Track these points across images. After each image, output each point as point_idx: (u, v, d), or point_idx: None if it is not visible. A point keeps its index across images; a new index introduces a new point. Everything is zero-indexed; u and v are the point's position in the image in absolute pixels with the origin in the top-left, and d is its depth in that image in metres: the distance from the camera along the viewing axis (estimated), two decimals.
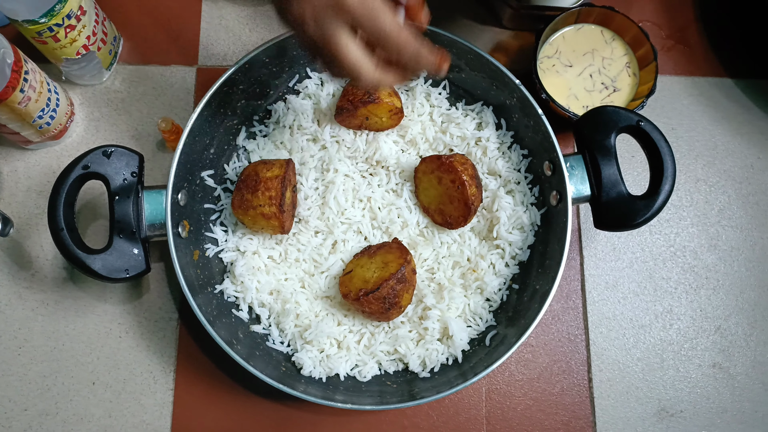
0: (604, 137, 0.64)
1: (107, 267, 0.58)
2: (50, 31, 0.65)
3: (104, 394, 0.68)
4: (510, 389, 0.70)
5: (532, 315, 0.61)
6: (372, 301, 0.61)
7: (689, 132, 0.80)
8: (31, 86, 0.64)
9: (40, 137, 0.71)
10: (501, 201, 0.68)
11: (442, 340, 0.66)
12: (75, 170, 0.59)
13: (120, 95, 0.77)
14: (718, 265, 0.75)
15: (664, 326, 0.73)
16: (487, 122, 0.72)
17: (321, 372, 0.64)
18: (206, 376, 0.68)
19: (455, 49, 0.69)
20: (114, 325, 0.70)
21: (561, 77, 0.76)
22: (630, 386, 0.71)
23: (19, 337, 0.69)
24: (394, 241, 0.68)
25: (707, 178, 0.79)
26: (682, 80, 0.82)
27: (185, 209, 0.64)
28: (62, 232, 0.58)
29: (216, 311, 0.63)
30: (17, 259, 0.71)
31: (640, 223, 0.62)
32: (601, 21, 0.77)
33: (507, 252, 0.68)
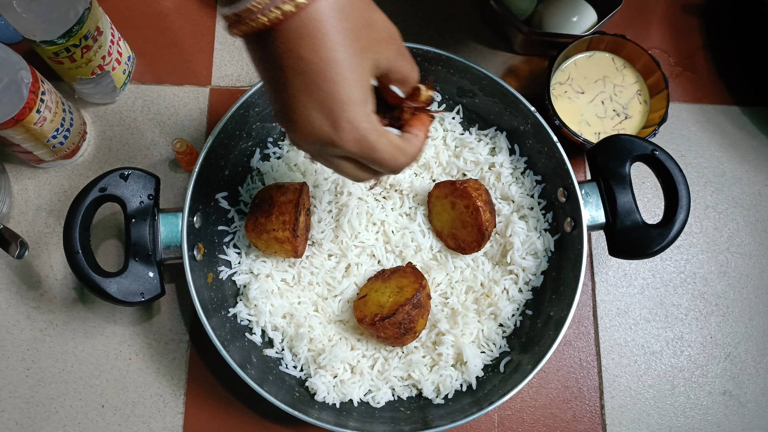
0: (618, 165, 0.65)
1: (123, 290, 0.58)
2: (67, 51, 0.64)
3: (113, 418, 0.67)
4: (522, 416, 0.70)
5: (548, 342, 0.61)
6: (388, 326, 0.61)
7: (698, 159, 0.81)
8: (47, 106, 0.64)
9: (53, 156, 0.70)
10: (514, 226, 0.69)
11: (456, 366, 0.66)
12: (92, 192, 0.59)
13: (133, 115, 0.76)
14: (727, 291, 0.76)
15: (675, 353, 0.73)
16: (500, 147, 0.72)
17: (335, 397, 0.64)
18: (217, 400, 0.68)
19: (469, 75, 0.70)
20: (123, 346, 0.69)
21: (573, 103, 0.77)
22: (641, 413, 0.71)
23: (27, 359, 0.68)
24: (408, 266, 0.68)
25: (716, 205, 0.79)
26: (690, 107, 0.83)
27: (200, 232, 0.64)
28: (78, 255, 0.57)
29: (229, 335, 0.63)
30: (26, 279, 0.70)
31: (655, 252, 0.63)
32: (613, 48, 0.78)
33: (521, 277, 0.68)
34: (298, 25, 0.38)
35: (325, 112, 0.40)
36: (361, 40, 0.40)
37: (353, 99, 0.40)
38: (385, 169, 0.45)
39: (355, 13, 0.40)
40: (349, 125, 0.40)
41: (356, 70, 0.40)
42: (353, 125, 0.40)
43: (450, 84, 0.72)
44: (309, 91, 0.39)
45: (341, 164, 0.44)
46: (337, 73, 0.39)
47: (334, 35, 0.39)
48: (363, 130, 0.41)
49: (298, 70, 0.39)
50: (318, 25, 0.38)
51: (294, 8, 0.37)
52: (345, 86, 0.39)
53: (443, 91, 0.73)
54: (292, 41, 0.38)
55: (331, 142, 0.41)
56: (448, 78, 0.71)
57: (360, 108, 0.40)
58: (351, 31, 0.40)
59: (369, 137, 0.41)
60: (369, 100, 0.42)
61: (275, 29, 0.38)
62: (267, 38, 0.39)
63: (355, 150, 0.41)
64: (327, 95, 0.39)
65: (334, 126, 0.40)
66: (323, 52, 0.39)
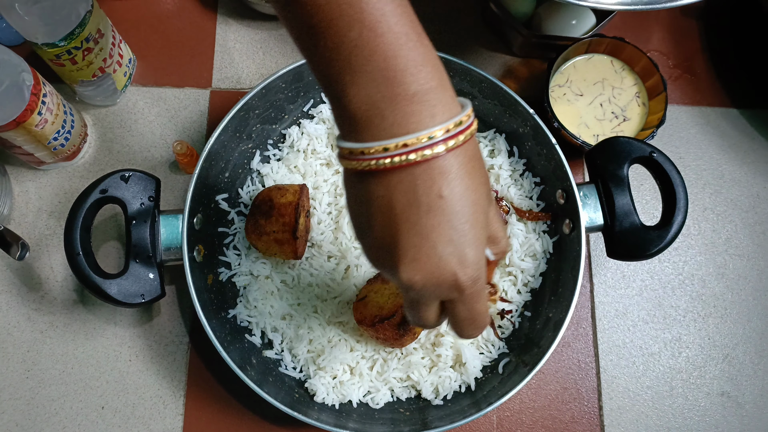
0: (617, 167, 0.65)
1: (123, 292, 0.58)
2: (68, 54, 0.65)
3: (113, 419, 0.67)
4: (521, 417, 0.70)
5: (546, 343, 0.62)
6: (387, 327, 0.61)
7: (696, 161, 0.81)
8: (48, 109, 0.64)
9: (54, 158, 0.71)
10: (513, 228, 0.69)
11: (455, 367, 0.66)
12: (93, 194, 0.59)
13: (133, 117, 0.77)
14: (725, 293, 0.76)
15: (673, 354, 0.73)
16: (499, 149, 0.72)
17: (334, 399, 0.64)
18: (216, 402, 0.68)
19: (469, 77, 0.70)
20: (124, 348, 0.69)
21: (572, 106, 0.77)
22: (640, 414, 0.71)
23: (27, 360, 0.68)
24: None
25: (714, 207, 0.80)
26: (688, 109, 0.84)
27: (200, 233, 0.64)
28: (78, 257, 0.57)
29: (229, 336, 0.63)
30: (27, 281, 0.70)
31: (653, 253, 0.63)
32: (612, 51, 0.78)
33: (519, 279, 0.69)
34: (439, 165, 0.37)
35: (456, 251, 0.38)
36: (485, 186, 0.40)
37: (481, 241, 0.40)
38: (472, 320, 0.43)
39: (481, 161, 0.40)
40: (475, 265, 0.39)
41: (484, 213, 0.40)
42: (478, 265, 0.39)
43: None
44: (442, 229, 0.38)
45: (434, 308, 0.43)
46: (473, 215, 0.39)
47: (472, 179, 0.39)
48: (482, 272, 0.40)
49: (434, 208, 0.38)
50: (459, 168, 0.38)
51: (432, 153, 0.37)
52: (477, 228, 0.39)
53: None
54: (432, 180, 0.37)
55: (453, 281, 0.39)
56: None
57: (483, 252, 0.40)
58: (481, 176, 0.40)
59: (482, 281, 0.41)
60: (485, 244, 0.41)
61: (409, 168, 0.37)
62: (393, 176, 0.38)
63: (468, 290, 0.40)
64: (460, 235, 0.38)
65: (461, 264, 0.39)
66: (464, 192, 0.38)
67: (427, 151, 0.37)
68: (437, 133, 0.37)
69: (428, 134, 0.37)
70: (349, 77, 0.37)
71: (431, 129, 0.37)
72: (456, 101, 0.40)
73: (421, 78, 0.37)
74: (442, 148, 0.37)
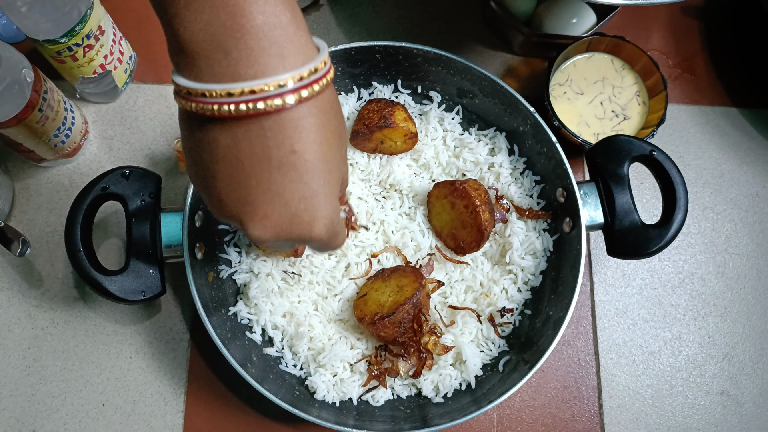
0: (617, 166, 0.65)
1: (124, 289, 0.58)
2: (69, 50, 0.65)
3: (113, 416, 0.67)
4: (521, 415, 0.70)
5: (546, 342, 0.62)
6: (387, 325, 0.62)
7: (696, 160, 0.81)
8: (49, 105, 0.64)
9: (54, 155, 0.71)
10: (513, 226, 0.69)
11: (455, 365, 0.66)
12: (93, 191, 0.59)
13: (134, 114, 0.77)
14: (725, 292, 0.76)
15: (673, 353, 0.74)
16: (500, 148, 0.72)
17: (334, 396, 0.64)
18: (217, 399, 0.68)
19: (469, 75, 0.70)
20: (124, 345, 0.69)
21: (572, 104, 0.77)
22: (640, 413, 0.71)
23: (28, 357, 0.68)
24: (408, 265, 0.68)
25: (714, 206, 0.80)
26: (688, 109, 0.84)
27: (201, 231, 0.64)
28: (79, 254, 0.57)
29: (230, 333, 0.63)
30: (27, 278, 0.70)
31: (653, 252, 0.63)
32: (612, 50, 0.78)
33: (519, 277, 0.69)
34: (292, 118, 0.35)
35: (308, 208, 0.37)
36: (340, 137, 0.39)
37: (334, 194, 0.39)
38: (331, 249, 0.44)
39: (335, 110, 0.39)
40: (327, 220, 0.39)
41: (338, 166, 0.39)
42: (329, 220, 0.39)
43: (450, 85, 0.72)
44: (294, 187, 0.36)
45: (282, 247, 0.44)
46: (327, 169, 0.37)
47: (325, 132, 0.37)
48: (335, 222, 0.40)
49: (286, 163, 0.36)
50: (312, 120, 0.36)
51: (282, 103, 0.34)
52: (330, 183, 0.38)
53: (443, 91, 0.74)
54: (284, 134, 0.35)
55: (306, 236, 0.38)
56: (449, 79, 0.71)
57: (335, 202, 0.40)
58: (335, 128, 0.38)
59: (337, 228, 0.40)
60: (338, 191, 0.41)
61: (259, 119, 0.35)
62: (241, 126, 0.35)
63: (323, 239, 0.39)
64: (313, 192, 0.37)
65: (312, 222, 0.38)
66: (316, 146, 0.36)
67: (277, 100, 0.34)
68: (288, 82, 0.34)
69: (278, 81, 0.34)
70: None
71: (281, 76, 0.34)
72: (311, 44, 0.36)
73: (269, 10, 0.33)
74: (293, 98, 0.34)
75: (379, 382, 0.64)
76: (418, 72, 0.72)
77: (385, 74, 0.73)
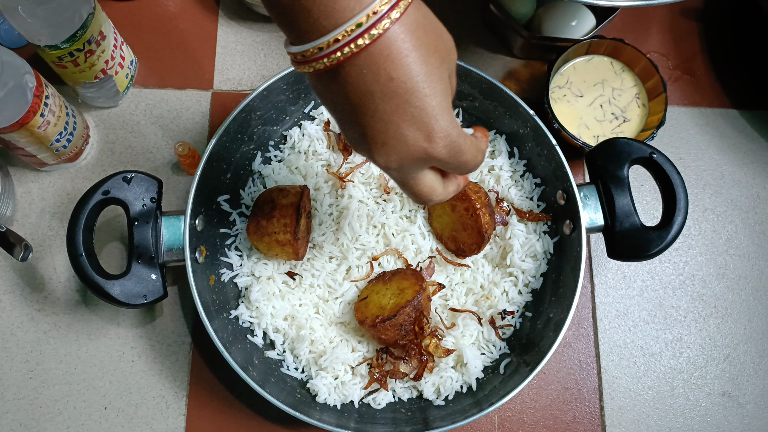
0: (617, 168, 0.65)
1: (125, 293, 0.58)
2: (71, 56, 0.65)
3: (116, 419, 0.67)
4: (522, 416, 0.70)
5: (547, 344, 0.62)
6: (388, 327, 0.62)
7: (696, 162, 0.82)
8: (50, 110, 0.64)
9: (56, 159, 0.71)
10: (514, 229, 0.69)
11: (456, 368, 0.66)
12: (95, 195, 0.59)
13: (135, 118, 0.77)
14: (726, 293, 0.76)
15: (674, 354, 0.74)
16: (500, 150, 0.73)
17: (336, 399, 0.64)
18: (219, 402, 0.68)
19: (469, 78, 0.70)
20: (126, 348, 0.69)
21: (572, 107, 0.77)
22: (641, 414, 0.71)
23: (30, 360, 0.68)
24: (409, 268, 0.68)
25: (714, 208, 0.80)
26: (688, 110, 0.84)
27: (202, 234, 0.65)
28: (81, 258, 0.58)
29: (231, 337, 0.63)
30: (30, 282, 0.71)
31: (654, 254, 0.63)
32: (611, 52, 0.78)
33: (520, 280, 0.69)
34: (380, 50, 0.38)
35: (421, 127, 0.40)
36: (438, 51, 0.40)
37: (444, 108, 0.40)
38: (466, 170, 0.45)
39: (429, 27, 0.41)
40: (443, 134, 0.40)
41: (442, 80, 0.40)
42: (446, 133, 0.40)
43: None
44: (401, 111, 0.39)
45: (424, 178, 0.44)
46: (429, 87, 0.39)
47: (420, 51, 0.39)
48: (455, 136, 0.41)
49: (388, 92, 0.39)
50: (402, 44, 0.38)
51: (369, 40, 0.37)
52: (437, 98, 0.40)
53: None
54: (377, 66, 0.38)
55: (427, 155, 0.41)
56: None
57: (449, 116, 0.41)
58: (430, 44, 0.40)
59: (458, 141, 0.41)
60: (451, 105, 0.42)
61: (352, 60, 0.38)
62: (341, 70, 0.39)
63: (446, 156, 0.41)
64: (420, 111, 0.39)
65: (429, 139, 0.40)
66: (413, 68, 0.38)
67: (373, 30, 0.37)
68: (381, 7, 0.37)
69: (372, 9, 0.37)
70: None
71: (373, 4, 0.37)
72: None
73: None
74: (386, 22, 0.37)
75: (381, 384, 0.64)
76: None
77: None
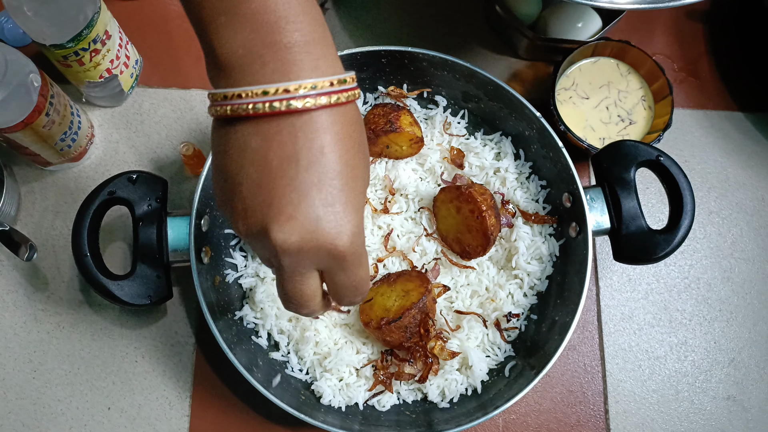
0: (623, 171, 0.65)
1: (130, 293, 0.58)
2: (76, 55, 0.65)
3: (119, 420, 0.67)
4: (526, 420, 0.70)
5: (553, 347, 0.62)
6: (393, 329, 0.62)
7: (701, 164, 0.81)
8: (56, 110, 0.64)
9: (60, 159, 0.71)
10: (519, 231, 0.69)
11: (461, 370, 0.66)
12: (100, 195, 0.59)
13: (139, 118, 0.77)
14: (731, 297, 0.76)
15: (678, 358, 0.73)
16: (505, 152, 0.72)
17: (340, 401, 0.64)
18: (222, 403, 0.68)
19: (474, 80, 0.70)
20: (130, 349, 0.69)
21: (577, 109, 0.77)
22: (645, 418, 0.71)
23: (34, 360, 0.68)
24: (414, 270, 0.68)
25: (720, 211, 0.80)
26: (693, 113, 0.84)
27: (207, 235, 0.64)
28: (87, 258, 0.57)
29: (236, 338, 0.63)
30: (33, 281, 0.70)
31: (660, 257, 0.63)
32: (617, 54, 0.78)
33: (525, 282, 0.69)
34: (324, 120, 0.36)
35: (337, 217, 0.36)
36: (366, 156, 0.39)
37: (360, 207, 0.38)
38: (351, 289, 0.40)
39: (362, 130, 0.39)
40: (351, 232, 0.37)
41: (364, 186, 0.39)
42: (357, 231, 0.37)
43: (455, 89, 0.72)
44: (324, 189, 0.36)
45: (311, 280, 0.40)
46: (354, 178, 0.37)
47: (357, 145, 0.37)
48: (361, 240, 0.38)
49: (314, 164, 0.35)
50: (344, 128, 0.37)
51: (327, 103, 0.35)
52: (357, 193, 0.38)
53: (448, 95, 0.74)
54: (315, 133, 0.35)
55: (330, 249, 0.37)
56: (454, 83, 0.71)
57: (361, 219, 0.38)
58: (362, 144, 0.39)
59: (362, 250, 0.39)
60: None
61: (292, 117, 0.35)
62: (273, 124, 0.36)
63: (347, 256, 0.37)
64: (342, 199, 0.36)
65: (339, 233, 0.36)
66: (349, 153, 0.37)
67: (310, 100, 0.35)
68: (323, 83, 0.35)
69: (312, 83, 0.35)
70: (224, 18, 0.35)
71: (316, 79, 0.35)
72: (339, 60, 0.38)
73: (303, 28, 0.36)
74: (325, 100, 0.35)
75: (385, 386, 0.64)
76: (424, 76, 0.72)
77: (390, 78, 0.73)
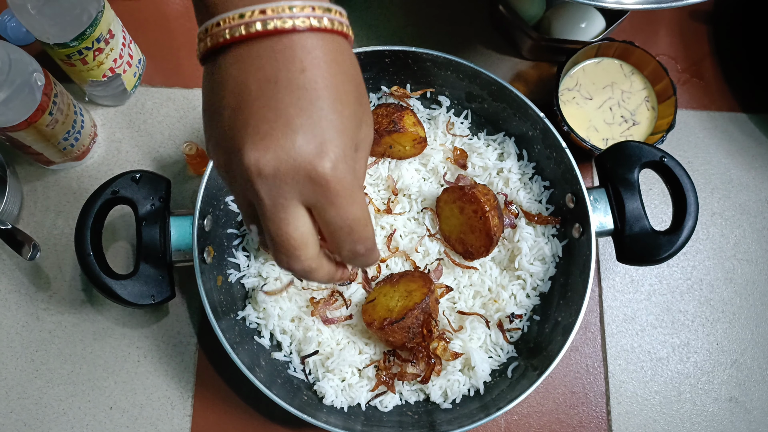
0: (627, 172, 0.65)
1: (133, 293, 0.58)
2: (79, 54, 0.65)
3: (121, 419, 0.67)
4: (529, 420, 0.70)
5: (555, 348, 0.61)
6: (396, 330, 0.61)
7: (705, 165, 0.81)
8: (59, 109, 0.64)
9: (63, 158, 0.71)
10: (522, 232, 0.69)
11: (464, 371, 0.66)
12: (104, 195, 0.59)
13: (142, 117, 0.77)
14: (734, 298, 0.76)
15: (681, 359, 0.73)
16: (509, 153, 0.72)
17: (342, 401, 0.64)
18: (224, 403, 0.68)
19: (478, 80, 0.70)
20: (132, 348, 0.69)
21: (581, 109, 0.77)
22: (648, 419, 0.71)
23: (35, 360, 0.68)
24: (417, 270, 0.68)
25: (723, 212, 0.79)
26: (697, 114, 0.83)
27: (210, 235, 0.64)
28: (90, 257, 0.57)
29: (238, 338, 0.63)
30: (35, 280, 0.70)
31: (664, 258, 0.63)
32: (621, 55, 0.78)
33: (528, 283, 0.68)
34: (305, 41, 0.34)
35: (316, 134, 0.33)
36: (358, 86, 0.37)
37: (347, 132, 0.35)
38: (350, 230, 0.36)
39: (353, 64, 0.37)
40: (335, 156, 0.34)
41: (356, 112, 0.36)
42: (342, 156, 0.34)
43: (459, 89, 0.72)
44: (302, 107, 0.33)
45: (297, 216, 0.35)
46: (342, 103, 0.35)
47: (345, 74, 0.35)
48: (349, 168, 0.34)
49: (294, 84, 0.33)
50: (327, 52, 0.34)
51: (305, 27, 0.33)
52: (344, 118, 0.35)
53: (452, 96, 0.74)
54: (294, 54, 0.33)
55: (309, 171, 0.33)
56: (457, 83, 0.71)
57: (351, 149, 0.35)
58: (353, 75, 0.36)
59: (350, 178, 0.34)
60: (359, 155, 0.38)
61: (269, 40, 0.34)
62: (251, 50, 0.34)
63: (330, 183, 0.33)
64: (322, 118, 0.34)
65: (320, 152, 0.33)
66: (331, 77, 0.34)
67: (288, 21, 0.33)
68: (301, 5, 0.33)
69: (289, 5, 0.33)
70: None
71: (293, 1, 0.33)
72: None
73: None
74: (303, 22, 0.33)
75: (388, 387, 0.64)
76: (427, 76, 0.72)
77: (393, 78, 0.73)
